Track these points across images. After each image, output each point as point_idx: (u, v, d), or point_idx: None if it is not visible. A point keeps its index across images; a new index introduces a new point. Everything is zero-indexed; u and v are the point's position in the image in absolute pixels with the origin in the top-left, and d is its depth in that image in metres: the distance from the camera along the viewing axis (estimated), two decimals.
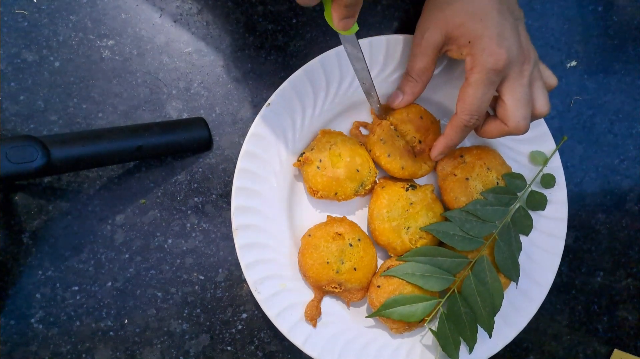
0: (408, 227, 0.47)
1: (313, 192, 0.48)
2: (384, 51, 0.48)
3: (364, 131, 0.51)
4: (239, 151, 0.47)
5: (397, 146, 0.48)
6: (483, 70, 0.41)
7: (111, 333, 0.50)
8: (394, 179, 0.50)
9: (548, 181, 0.50)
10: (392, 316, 0.45)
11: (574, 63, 0.56)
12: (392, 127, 0.48)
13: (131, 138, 0.47)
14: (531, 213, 0.50)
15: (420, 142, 0.49)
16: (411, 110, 0.49)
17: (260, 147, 0.48)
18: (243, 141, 0.48)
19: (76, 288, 0.50)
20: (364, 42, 0.48)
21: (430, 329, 0.47)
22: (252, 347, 0.51)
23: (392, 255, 0.49)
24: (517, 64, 0.42)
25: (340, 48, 0.47)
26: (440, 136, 0.47)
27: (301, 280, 0.49)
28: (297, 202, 0.50)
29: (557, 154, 0.50)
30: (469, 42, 0.42)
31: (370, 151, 0.49)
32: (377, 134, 0.48)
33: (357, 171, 0.47)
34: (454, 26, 0.42)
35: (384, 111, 0.50)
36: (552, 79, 0.45)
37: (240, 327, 0.51)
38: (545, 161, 0.50)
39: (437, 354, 0.48)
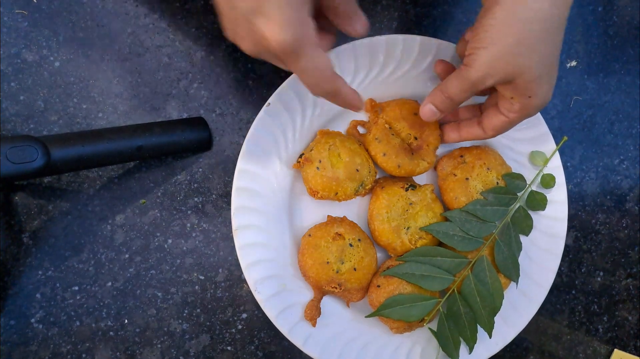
0: (408, 228, 0.47)
1: (313, 193, 0.48)
2: (384, 51, 0.48)
3: (362, 130, 0.51)
4: (239, 151, 0.48)
5: (393, 144, 0.47)
6: (529, 113, 0.40)
7: (111, 333, 0.50)
8: (393, 178, 0.50)
9: (548, 181, 0.50)
10: (392, 316, 0.45)
11: (574, 63, 0.56)
12: (386, 125, 0.48)
13: (131, 138, 0.47)
14: (531, 213, 0.50)
15: (416, 138, 0.48)
16: (404, 107, 0.48)
17: (260, 147, 0.48)
18: (243, 141, 0.48)
19: (76, 288, 0.50)
20: (364, 42, 0.48)
21: (430, 329, 0.47)
22: (252, 347, 0.51)
23: (392, 255, 0.49)
24: None
25: (340, 48, 0.47)
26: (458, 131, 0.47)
27: (301, 280, 0.49)
28: (297, 202, 0.50)
29: (557, 154, 0.50)
30: (529, 86, 0.38)
31: (367, 150, 0.49)
32: (372, 133, 0.48)
33: (357, 170, 0.47)
34: (518, 73, 0.37)
35: (372, 107, 0.49)
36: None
37: (240, 327, 0.51)
38: (545, 161, 0.50)
39: (437, 354, 0.48)
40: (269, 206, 0.49)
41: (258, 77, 0.52)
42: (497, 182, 0.48)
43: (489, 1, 0.36)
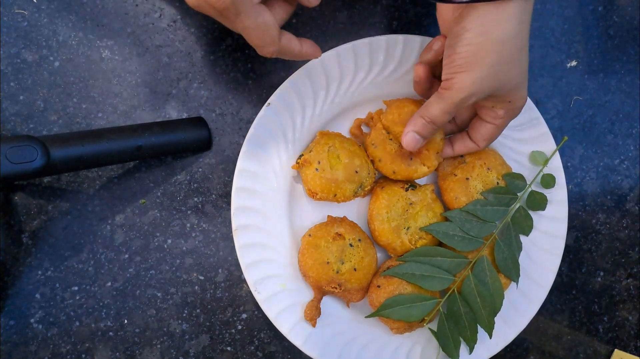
0: (408, 228, 0.47)
1: (312, 194, 0.48)
2: (384, 51, 0.48)
3: (365, 129, 0.51)
4: (239, 151, 0.47)
5: (389, 150, 0.46)
6: (514, 115, 0.43)
7: (111, 333, 0.50)
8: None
9: (548, 181, 0.50)
10: (392, 316, 0.45)
11: (574, 63, 0.56)
12: (383, 131, 0.47)
13: (131, 138, 0.47)
14: (531, 213, 0.50)
15: None
16: (403, 110, 0.46)
17: (260, 147, 0.48)
18: (243, 141, 0.48)
19: (76, 288, 0.50)
20: (364, 42, 0.48)
21: (430, 329, 0.47)
22: (252, 347, 0.51)
23: (392, 255, 0.49)
24: None
25: (340, 48, 0.48)
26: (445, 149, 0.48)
27: (301, 280, 0.49)
28: (297, 202, 0.50)
29: (557, 154, 0.50)
30: (509, 93, 0.40)
31: (367, 153, 0.49)
32: (370, 138, 0.48)
33: (356, 172, 0.47)
34: (499, 87, 0.39)
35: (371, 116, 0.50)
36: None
37: (240, 327, 0.51)
38: (546, 161, 0.50)
39: (437, 354, 0.48)
40: (269, 206, 0.49)
41: (258, 77, 0.52)
42: (497, 182, 0.48)
43: (455, 30, 0.38)
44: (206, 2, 0.35)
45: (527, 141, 0.51)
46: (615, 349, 0.55)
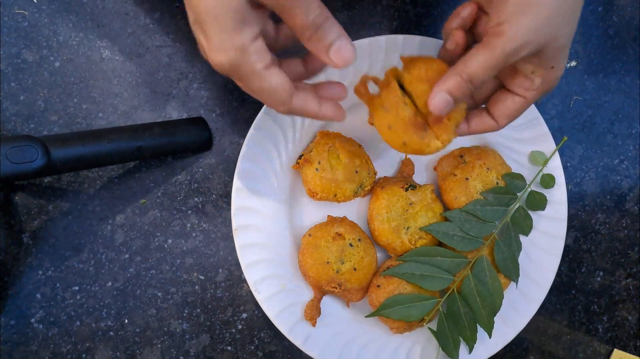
0: (408, 228, 0.47)
1: (312, 194, 0.48)
2: (384, 51, 0.48)
3: (372, 89, 0.41)
4: (239, 151, 0.48)
5: (402, 116, 0.37)
6: (549, 87, 0.37)
7: (111, 333, 0.50)
8: (393, 178, 0.50)
9: (548, 181, 0.50)
10: (392, 316, 0.45)
11: (574, 63, 0.56)
12: (399, 91, 0.37)
13: (131, 138, 0.47)
14: (531, 213, 0.50)
15: None
16: (432, 67, 0.37)
17: (260, 147, 0.48)
18: (243, 141, 0.48)
19: (76, 288, 0.50)
20: (364, 42, 0.48)
21: (430, 329, 0.47)
22: (252, 347, 0.51)
23: (392, 255, 0.49)
24: None
25: None
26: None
27: (301, 280, 0.49)
28: (297, 202, 0.50)
29: (557, 154, 0.50)
30: (556, 54, 0.35)
31: (372, 116, 0.40)
32: (381, 98, 0.38)
33: (356, 172, 0.47)
34: (552, 40, 0.34)
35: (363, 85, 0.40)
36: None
37: (240, 327, 0.51)
38: (545, 161, 0.50)
39: (437, 354, 0.48)
40: (269, 206, 0.49)
41: None
42: (497, 182, 0.48)
43: None
44: (213, 65, 0.33)
45: (526, 141, 0.51)
46: (615, 349, 0.55)
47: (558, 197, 0.50)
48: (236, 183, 0.47)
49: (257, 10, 0.32)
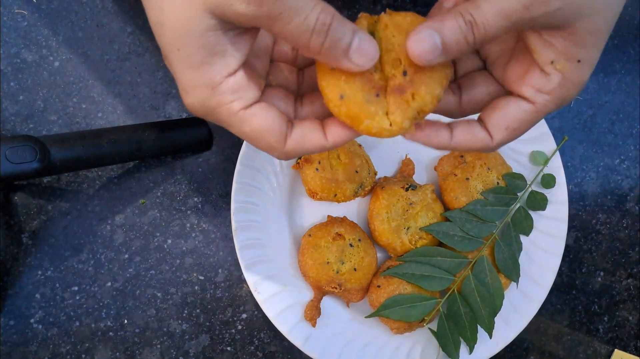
0: (408, 228, 0.47)
1: (312, 194, 0.48)
2: None
3: None
4: (239, 151, 0.47)
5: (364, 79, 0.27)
6: (565, 97, 0.27)
7: (111, 333, 0.50)
8: (393, 178, 0.50)
9: (548, 181, 0.50)
10: (392, 316, 0.45)
11: None
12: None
13: (131, 138, 0.47)
14: (531, 213, 0.50)
15: (405, 74, 0.27)
16: (415, 19, 0.27)
17: None
18: (243, 141, 0.48)
19: (76, 288, 0.50)
20: None
21: (430, 329, 0.47)
22: (252, 347, 0.51)
23: (392, 255, 0.49)
24: None
25: None
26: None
27: (301, 280, 0.49)
28: (297, 202, 0.50)
29: (557, 154, 0.50)
30: (587, 36, 0.25)
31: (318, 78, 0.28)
32: None
33: (356, 172, 0.47)
34: (591, 10, 0.24)
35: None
36: None
37: (240, 327, 0.51)
38: (546, 161, 0.50)
39: (437, 354, 0.48)
40: (269, 205, 0.49)
41: None
42: (498, 182, 0.48)
43: None
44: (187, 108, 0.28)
45: (527, 141, 0.51)
46: (615, 349, 0.55)
47: (558, 197, 0.50)
48: (236, 183, 0.47)
49: (242, 36, 0.26)
